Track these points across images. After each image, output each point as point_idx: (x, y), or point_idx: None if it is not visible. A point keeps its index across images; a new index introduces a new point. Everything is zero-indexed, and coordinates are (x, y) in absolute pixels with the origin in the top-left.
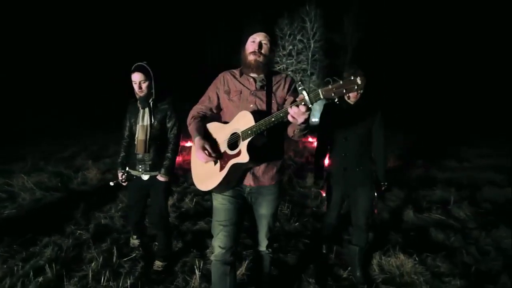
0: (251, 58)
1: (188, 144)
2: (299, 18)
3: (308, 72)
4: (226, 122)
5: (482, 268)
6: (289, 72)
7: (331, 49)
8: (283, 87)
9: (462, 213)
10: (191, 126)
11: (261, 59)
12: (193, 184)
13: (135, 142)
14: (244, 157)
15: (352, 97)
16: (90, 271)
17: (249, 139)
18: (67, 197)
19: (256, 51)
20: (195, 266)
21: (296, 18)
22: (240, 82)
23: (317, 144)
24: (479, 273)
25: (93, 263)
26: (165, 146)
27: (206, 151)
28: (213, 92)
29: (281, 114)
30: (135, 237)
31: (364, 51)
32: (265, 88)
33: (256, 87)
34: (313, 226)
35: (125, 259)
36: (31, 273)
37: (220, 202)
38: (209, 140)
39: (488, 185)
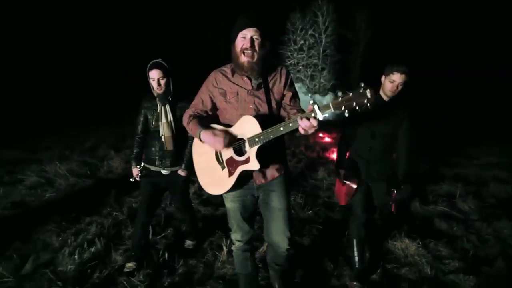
0: (243, 59)
1: None
2: (311, 13)
3: (319, 67)
4: (227, 125)
5: (480, 253)
6: (300, 67)
7: (343, 44)
8: (279, 82)
9: (466, 206)
10: (191, 124)
11: (254, 59)
12: None
13: (162, 140)
14: (254, 165)
15: (388, 92)
16: (132, 245)
17: (257, 147)
18: (97, 184)
19: (249, 47)
20: (222, 244)
21: (308, 13)
22: (234, 83)
23: (342, 135)
24: (477, 257)
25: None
26: (184, 142)
27: (219, 136)
28: (205, 95)
29: (291, 124)
30: (132, 260)
31: (377, 47)
32: (262, 86)
33: (252, 86)
34: (325, 215)
35: (158, 236)
36: (85, 244)
37: (231, 204)
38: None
39: (494, 182)
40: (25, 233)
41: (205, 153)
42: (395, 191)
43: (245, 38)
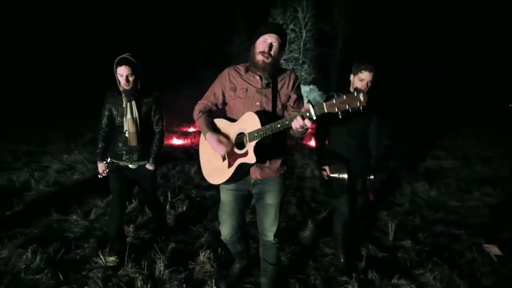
0: (259, 58)
1: (191, 129)
2: (291, 8)
3: (300, 61)
4: (232, 119)
5: (397, 201)
6: (282, 61)
7: (323, 39)
8: (287, 85)
9: (401, 175)
10: (200, 120)
11: (269, 60)
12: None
13: (126, 135)
14: (251, 159)
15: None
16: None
17: (255, 141)
18: None
19: (266, 51)
20: None
21: (289, 8)
22: (245, 80)
23: (318, 131)
24: (393, 203)
25: None
26: (151, 137)
27: (222, 144)
28: (218, 89)
29: (287, 122)
30: (113, 254)
31: (354, 41)
32: (270, 86)
33: (262, 85)
34: (297, 184)
35: (174, 199)
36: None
37: (226, 195)
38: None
39: (430, 158)
40: (74, 199)
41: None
42: (368, 181)
43: (265, 42)
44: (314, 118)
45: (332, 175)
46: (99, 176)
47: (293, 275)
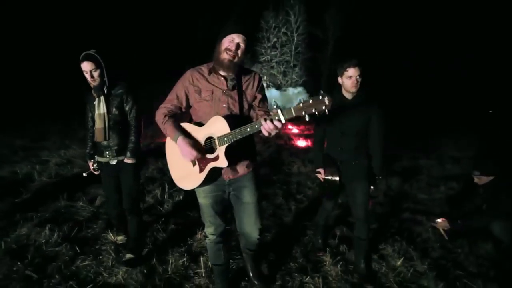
0: (224, 56)
1: None
2: (283, 11)
3: (291, 64)
4: (198, 123)
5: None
6: (273, 64)
7: (314, 43)
8: (252, 86)
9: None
10: (168, 125)
11: (235, 59)
12: None
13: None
14: (223, 163)
15: (351, 89)
16: (158, 194)
17: (226, 145)
18: None
19: (232, 50)
20: None
21: (281, 11)
22: (210, 83)
23: (315, 134)
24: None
25: (156, 191)
26: (128, 130)
27: (194, 149)
28: (181, 91)
29: (256, 126)
30: (120, 233)
31: (345, 45)
32: (236, 87)
33: (227, 87)
34: (284, 179)
35: (172, 190)
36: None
37: (203, 200)
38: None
39: (408, 158)
40: (78, 189)
41: (177, 150)
42: (372, 187)
43: (232, 41)
44: (283, 122)
45: (326, 177)
46: (84, 174)
47: (276, 249)
